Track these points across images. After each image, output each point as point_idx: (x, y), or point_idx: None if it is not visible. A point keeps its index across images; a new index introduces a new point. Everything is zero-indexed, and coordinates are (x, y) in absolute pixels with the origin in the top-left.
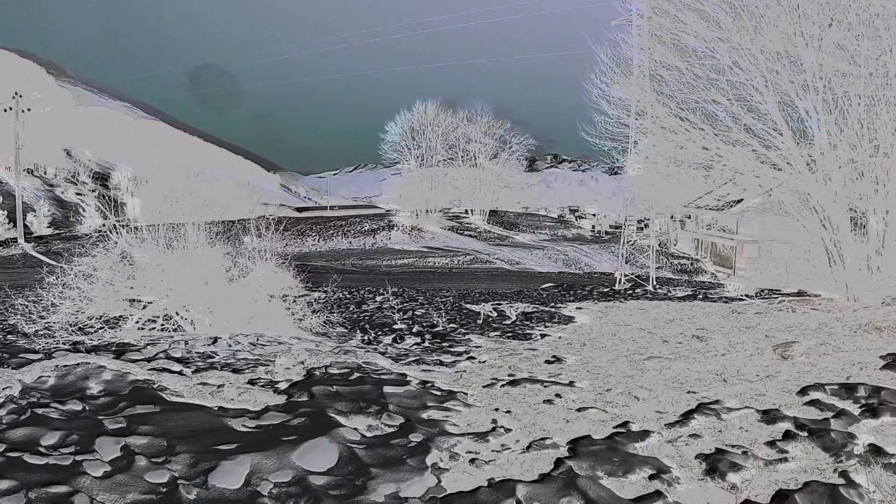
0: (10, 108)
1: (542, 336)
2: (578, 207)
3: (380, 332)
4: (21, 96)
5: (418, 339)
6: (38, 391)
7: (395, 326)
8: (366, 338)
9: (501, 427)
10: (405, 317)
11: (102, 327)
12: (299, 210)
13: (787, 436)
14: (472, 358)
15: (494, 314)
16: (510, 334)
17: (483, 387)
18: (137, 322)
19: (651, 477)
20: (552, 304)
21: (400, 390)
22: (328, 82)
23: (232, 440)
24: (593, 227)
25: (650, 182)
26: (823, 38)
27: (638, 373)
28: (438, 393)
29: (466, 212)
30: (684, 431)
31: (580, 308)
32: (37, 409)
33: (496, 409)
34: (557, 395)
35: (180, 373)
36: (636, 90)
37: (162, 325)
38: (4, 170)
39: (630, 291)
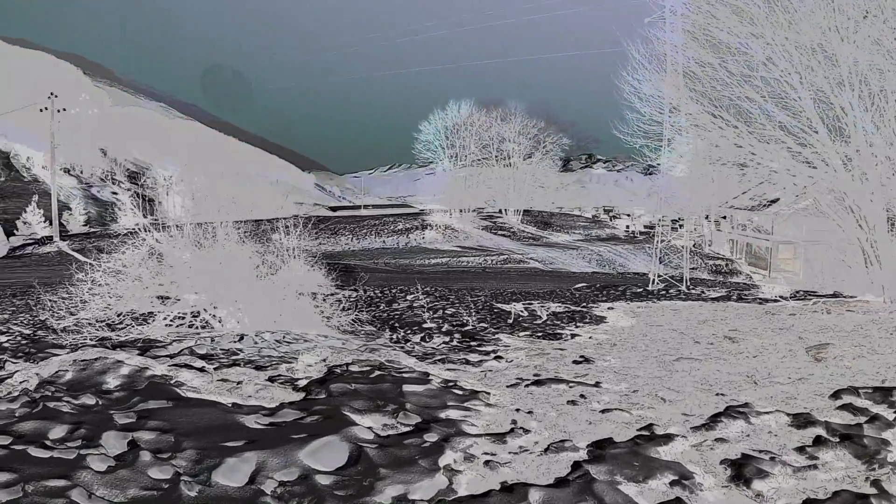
0: (46, 109)
1: (573, 336)
2: (613, 207)
3: (409, 331)
4: (56, 97)
5: (447, 338)
6: (55, 385)
7: (425, 325)
8: (394, 336)
9: (521, 428)
10: (435, 316)
11: (130, 324)
12: (333, 209)
13: (818, 441)
14: (500, 357)
15: (525, 314)
16: (540, 334)
17: (507, 386)
18: (165, 319)
19: (672, 483)
20: (584, 304)
21: (420, 389)
22: (364, 81)
23: (241, 437)
24: (627, 227)
25: (685, 181)
26: (858, 32)
27: (667, 374)
28: (460, 392)
29: (500, 211)
30: (710, 435)
31: (612, 308)
32: (49, 403)
33: (517, 410)
34: (582, 396)
35: (202, 369)
36: (669, 87)
37: (190, 322)
38: (41, 169)
39: (663, 292)
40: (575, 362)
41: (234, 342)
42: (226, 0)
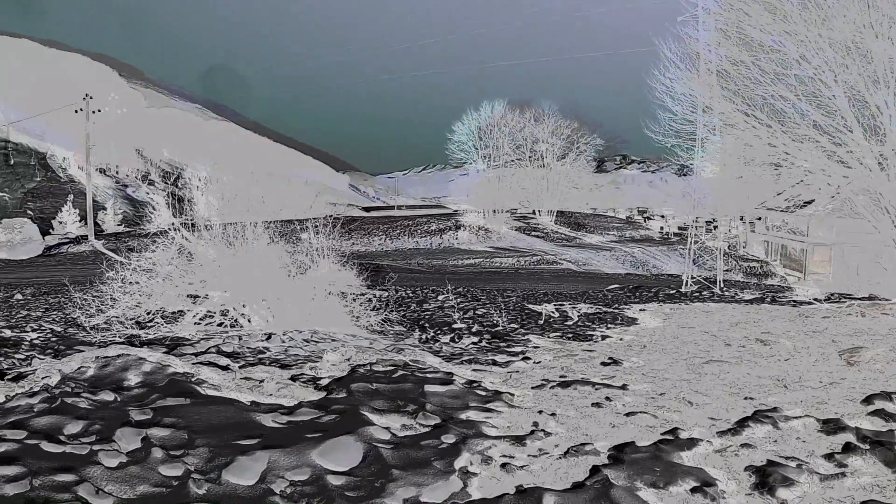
0: (81, 110)
1: (604, 338)
2: (647, 209)
3: (438, 331)
4: (91, 98)
5: (476, 339)
6: (77, 381)
7: (455, 326)
8: (423, 336)
9: (542, 431)
10: (465, 316)
11: (160, 322)
12: (366, 209)
13: (848, 448)
14: (528, 358)
15: (557, 315)
16: (571, 335)
17: (532, 388)
18: (195, 317)
19: (693, 490)
20: (616, 305)
21: (442, 389)
22: (397, 82)
23: (255, 435)
24: (661, 228)
25: (719, 182)
26: (893, 28)
27: (695, 377)
28: (483, 393)
29: (534, 212)
30: (736, 441)
31: (644, 310)
32: (67, 399)
33: (540, 412)
34: (607, 399)
35: (226, 367)
36: (702, 86)
37: (219, 321)
38: (77, 169)
39: (696, 294)
40: (603, 364)
41: (262, 341)
42: (256, 6)
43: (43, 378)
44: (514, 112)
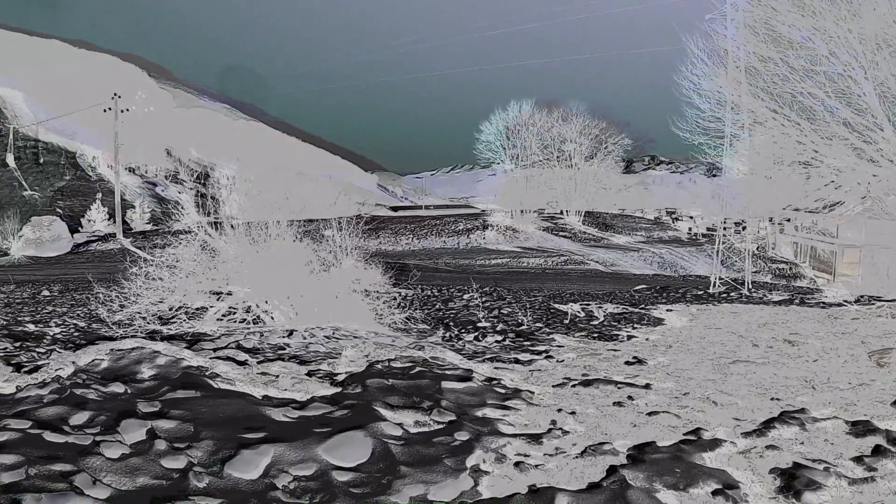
0: (110, 109)
1: (629, 338)
2: (675, 209)
3: (462, 330)
4: (120, 97)
5: (500, 338)
6: (90, 373)
7: (479, 324)
8: (447, 335)
9: (560, 429)
10: (490, 315)
11: (182, 318)
12: (394, 209)
13: (877, 451)
14: (551, 357)
15: (582, 314)
16: (596, 335)
17: (553, 386)
18: (217, 314)
19: (715, 492)
20: (643, 305)
21: (460, 386)
22: (425, 81)
23: (262, 429)
24: (690, 229)
25: (748, 183)
26: None
27: (721, 377)
28: (502, 391)
29: (562, 212)
30: (761, 442)
31: (671, 310)
32: (77, 390)
33: (559, 410)
34: (630, 398)
35: (244, 362)
36: (730, 83)
37: (241, 317)
38: (106, 168)
39: (724, 295)
40: (627, 363)
41: (284, 337)
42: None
43: (56, 370)
44: (541, 112)
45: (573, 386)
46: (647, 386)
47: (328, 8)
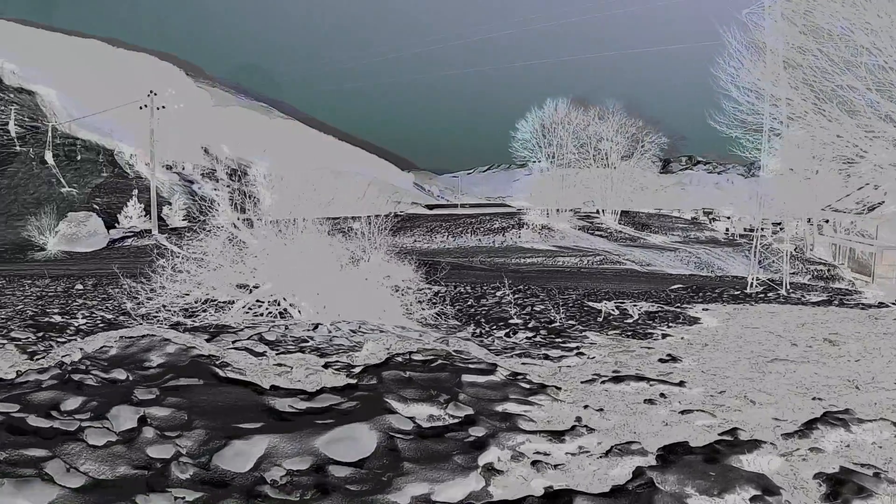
0: (146, 106)
1: (664, 336)
2: (713, 210)
3: (494, 326)
4: (156, 94)
5: (531, 334)
6: (97, 360)
7: (511, 321)
8: (478, 331)
9: (585, 426)
10: (523, 312)
11: (208, 310)
12: (430, 207)
13: None
14: (582, 353)
15: (617, 312)
16: (630, 333)
17: (581, 382)
18: (244, 307)
19: (753, 498)
20: (678, 304)
21: (481, 380)
22: (461, 79)
23: (262, 420)
24: (727, 229)
25: (786, 182)
26: None
27: (759, 375)
28: (527, 386)
29: (598, 212)
30: (803, 444)
31: (707, 310)
32: (76, 376)
33: (585, 407)
34: (662, 395)
35: (263, 353)
36: (768, 75)
37: (267, 310)
38: (144, 166)
39: (761, 295)
40: (661, 360)
41: (309, 331)
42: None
43: (64, 356)
44: (577, 110)
45: (603, 382)
46: (681, 383)
47: (365, 4)
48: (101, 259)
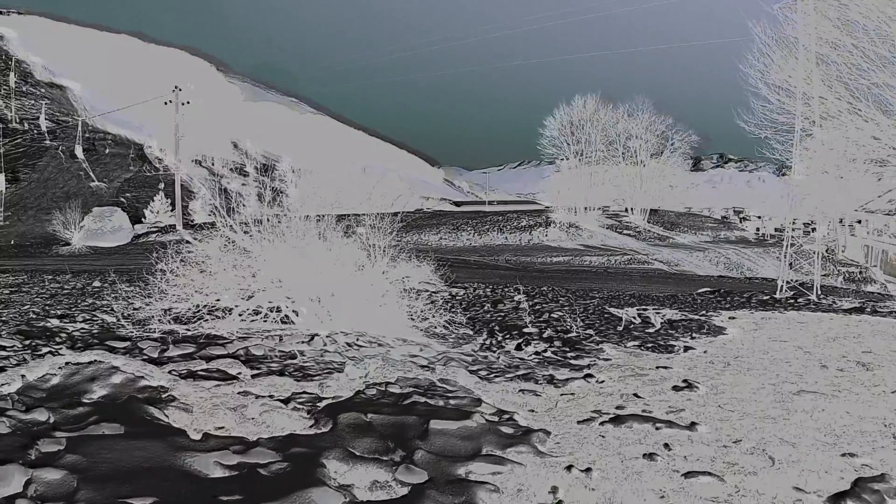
0: (171, 101)
1: (686, 349)
2: (743, 209)
3: (507, 335)
4: (180, 90)
5: (544, 347)
6: (33, 392)
7: (525, 330)
8: (489, 341)
9: (561, 501)
10: (539, 320)
11: (204, 317)
12: (457, 204)
13: None
14: (591, 376)
15: (638, 320)
16: (650, 345)
17: (578, 422)
18: (242, 314)
19: None
20: (704, 311)
21: (453, 427)
22: (489, 76)
23: (156, 491)
24: (758, 229)
25: (818, 182)
26: None
27: (783, 413)
28: (509, 431)
29: (626, 210)
30: None
31: (734, 318)
32: None
33: (569, 468)
34: (666, 446)
35: (236, 376)
36: (800, 72)
37: (265, 316)
38: (173, 160)
39: (791, 300)
40: (675, 388)
41: (303, 343)
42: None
43: (2, 385)
44: (606, 107)
45: (602, 423)
46: (692, 426)
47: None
48: (125, 255)
